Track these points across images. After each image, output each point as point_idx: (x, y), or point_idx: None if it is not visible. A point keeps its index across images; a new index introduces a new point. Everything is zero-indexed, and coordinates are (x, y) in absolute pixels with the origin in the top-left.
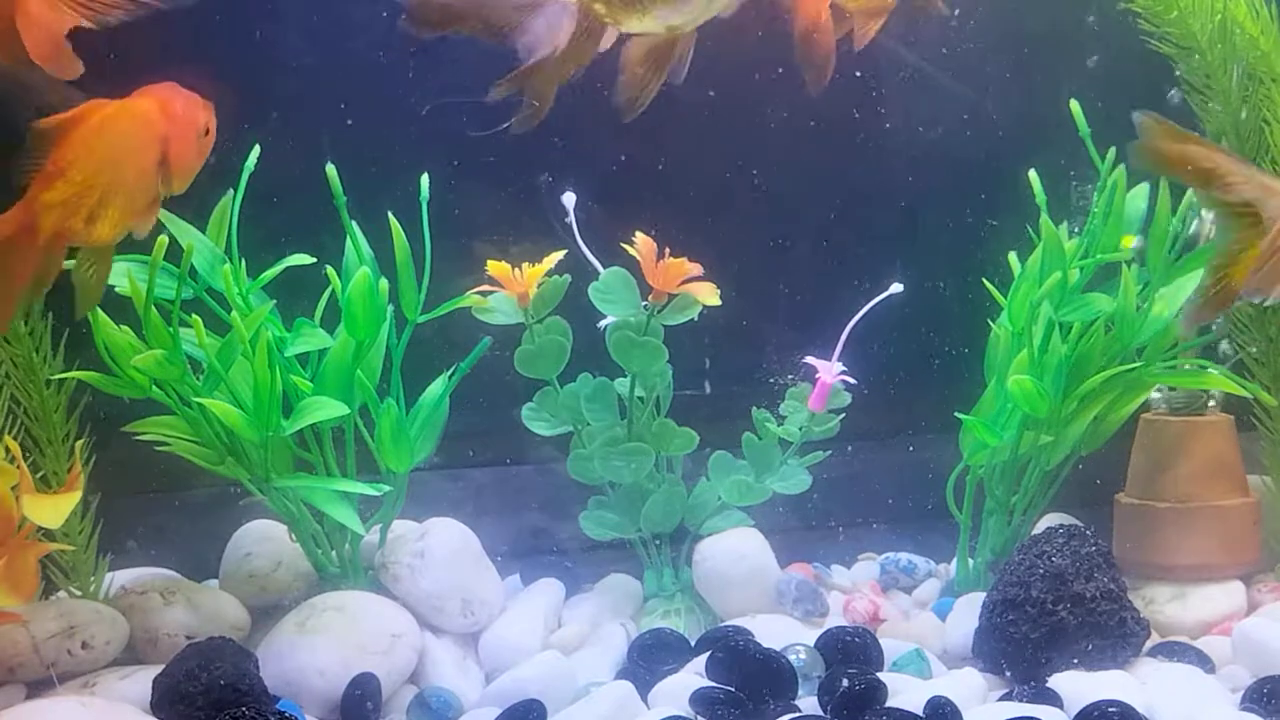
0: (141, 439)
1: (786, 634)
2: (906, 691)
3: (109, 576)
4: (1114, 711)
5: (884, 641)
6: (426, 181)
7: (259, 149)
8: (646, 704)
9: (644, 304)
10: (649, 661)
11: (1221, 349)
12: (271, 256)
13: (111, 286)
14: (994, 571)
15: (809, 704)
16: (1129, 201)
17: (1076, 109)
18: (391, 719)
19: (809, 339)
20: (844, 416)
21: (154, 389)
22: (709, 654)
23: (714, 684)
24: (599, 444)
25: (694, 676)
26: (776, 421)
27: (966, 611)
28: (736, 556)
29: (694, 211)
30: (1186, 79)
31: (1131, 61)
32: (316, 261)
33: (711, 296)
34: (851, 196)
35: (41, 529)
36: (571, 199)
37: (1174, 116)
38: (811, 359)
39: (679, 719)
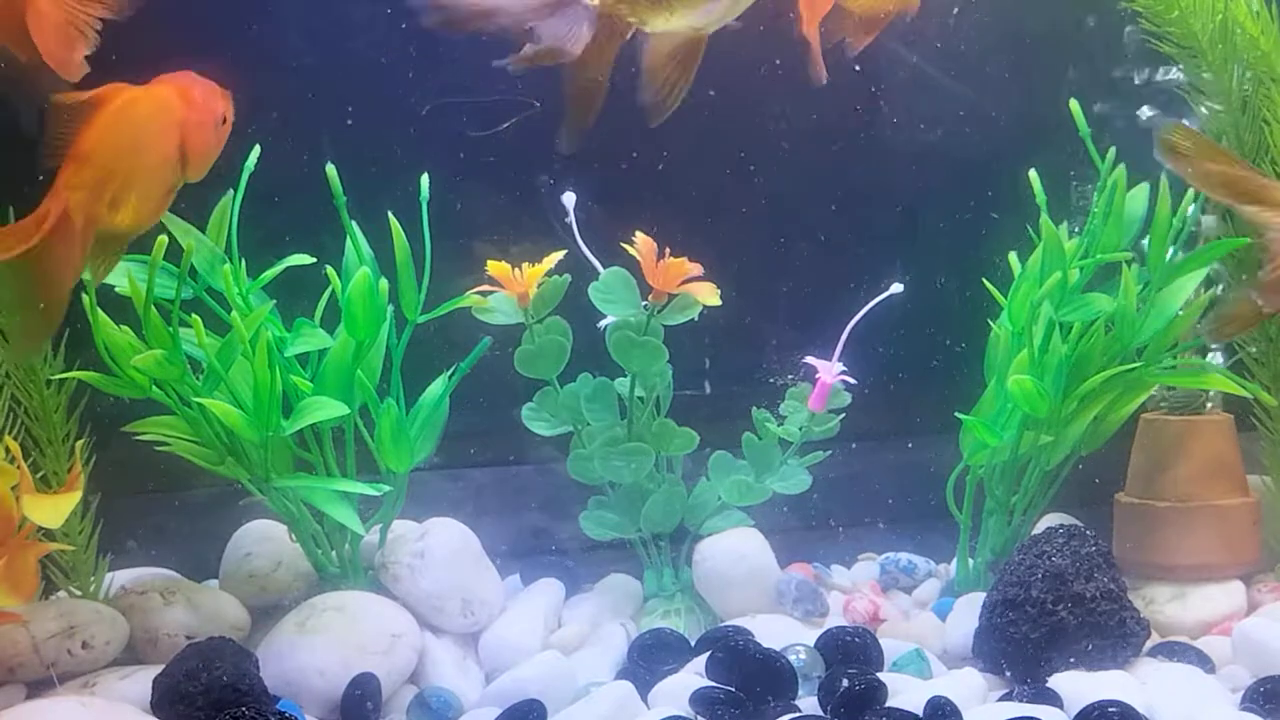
0: (141, 439)
1: (786, 634)
2: (906, 691)
3: (109, 576)
4: (1114, 711)
5: (884, 641)
6: (426, 181)
7: (259, 149)
8: (646, 704)
9: (644, 304)
10: (649, 661)
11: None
12: (271, 256)
13: (111, 286)
14: (994, 571)
15: (809, 704)
16: (1129, 201)
17: (1076, 109)
18: (391, 719)
19: (809, 339)
20: (844, 416)
21: (154, 389)
22: (709, 654)
23: (714, 684)
24: (599, 444)
25: (694, 676)
26: (776, 421)
27: (966, 611)
28: (736, 556)
29: (694, 211)
30: (1187, 79)
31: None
32: (316, 261)
33: (711, 296)
34: (851, 196)
35: (41, 529)
36: (571, 199)
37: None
38: (811, 359)
39: (679, 719)
